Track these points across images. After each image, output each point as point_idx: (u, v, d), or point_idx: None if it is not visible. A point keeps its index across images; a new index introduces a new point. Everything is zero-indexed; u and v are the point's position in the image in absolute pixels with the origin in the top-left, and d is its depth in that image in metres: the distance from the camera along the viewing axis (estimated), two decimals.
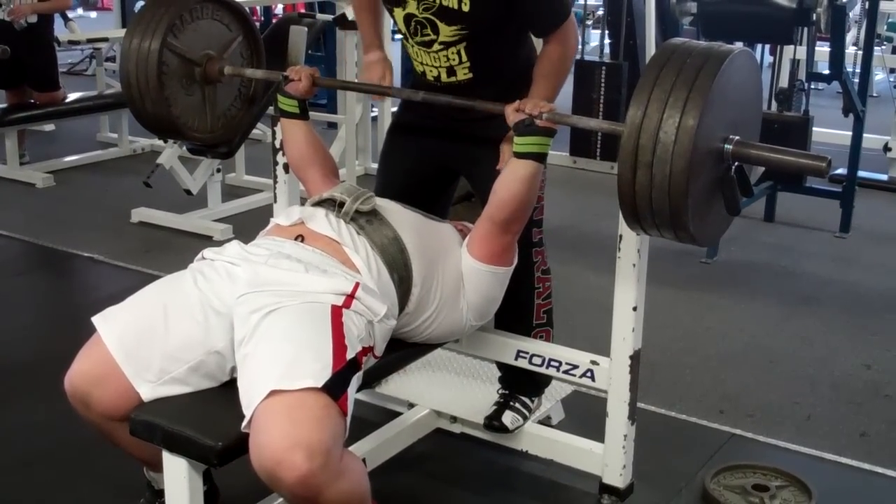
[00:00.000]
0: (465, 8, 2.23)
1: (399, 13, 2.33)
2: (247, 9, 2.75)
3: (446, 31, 2.30)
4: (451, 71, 2.38)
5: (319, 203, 2.27)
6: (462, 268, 2.28)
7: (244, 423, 1.78)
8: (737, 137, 1.91)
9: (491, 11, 2.26)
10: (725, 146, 1.90)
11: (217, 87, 2.69)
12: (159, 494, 2.15)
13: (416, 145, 2.58)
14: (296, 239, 2.13)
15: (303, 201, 2.43)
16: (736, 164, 1.92)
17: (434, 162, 2.56)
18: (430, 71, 2.41)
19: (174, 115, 2.57)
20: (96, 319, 2.00)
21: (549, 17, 2.30)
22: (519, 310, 2.54)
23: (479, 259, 2.27)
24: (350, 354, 1.87)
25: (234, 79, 2.70)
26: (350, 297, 1.98)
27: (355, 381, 1.89)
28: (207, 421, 1.91)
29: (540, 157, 2.19)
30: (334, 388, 1.78)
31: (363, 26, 2.62)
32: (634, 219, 1.91)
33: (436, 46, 2.34)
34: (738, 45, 1.90)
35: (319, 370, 1.79)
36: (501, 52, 2.37)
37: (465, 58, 2.35)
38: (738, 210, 2.00)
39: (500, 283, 2.33)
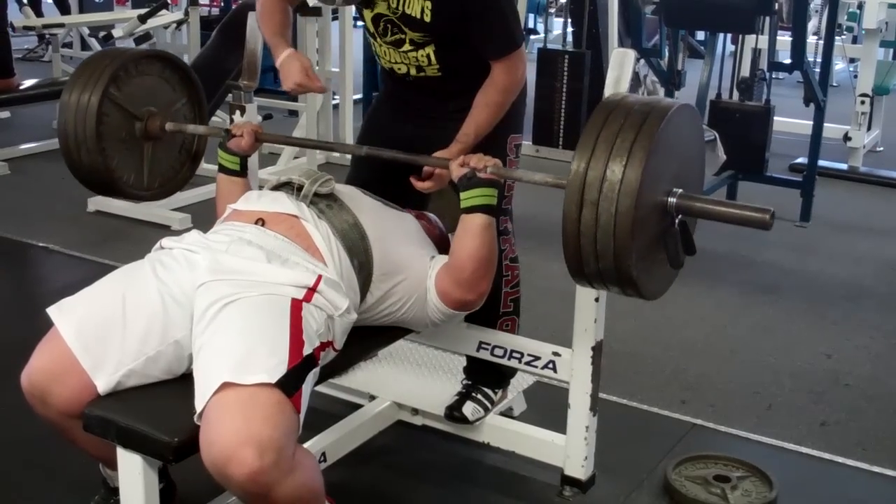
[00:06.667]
0: (427, 18, 2.27)
1: (368, 14, 2.36)
2: (193, 72, 2.70)
3: (413, 34, 2.33)
4: (420, 69, 2.41)
5: (278, 187, 2.26)
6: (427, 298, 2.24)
7: (196, 415, 1.76)
8: (680, 191, 1.91)
9: (450, 25, 2.29)
10: (669, 199, 1.90)
11: (157, 145, 2.63)
12: (114, 492, 2.11)
13: (387, 135, 2.55)
14: (256, 222, 2.11)
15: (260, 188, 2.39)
16: (679, 217, 1.92)
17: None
18: (399, 67, 2.44)
19: (110, 168, 2.51)
20: (52, 311, 1.95)
21: (500, 41, 2.33)
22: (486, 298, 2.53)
23: (447, 305, 2.24)
24: (307, 350, 1.85)
25: (175, 136, 2.65)
26: (311, 290, 1.96)
27: (311, 377, 1.87)
28: (163, 416, 1.87)
29: (488, 209, 2.17)
30: (288, 384, 1.76)
31: (270, 29, 2.49)
32: (578, 266, 1.86)
33: (406, 46, 2.36)
34: (680, 100, 1.91)
35: (274, 365, 1.76)
36: (470, 55, 2.37)
37: (434, 60, 2.38)
38: (681, 264, 2.00)
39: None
